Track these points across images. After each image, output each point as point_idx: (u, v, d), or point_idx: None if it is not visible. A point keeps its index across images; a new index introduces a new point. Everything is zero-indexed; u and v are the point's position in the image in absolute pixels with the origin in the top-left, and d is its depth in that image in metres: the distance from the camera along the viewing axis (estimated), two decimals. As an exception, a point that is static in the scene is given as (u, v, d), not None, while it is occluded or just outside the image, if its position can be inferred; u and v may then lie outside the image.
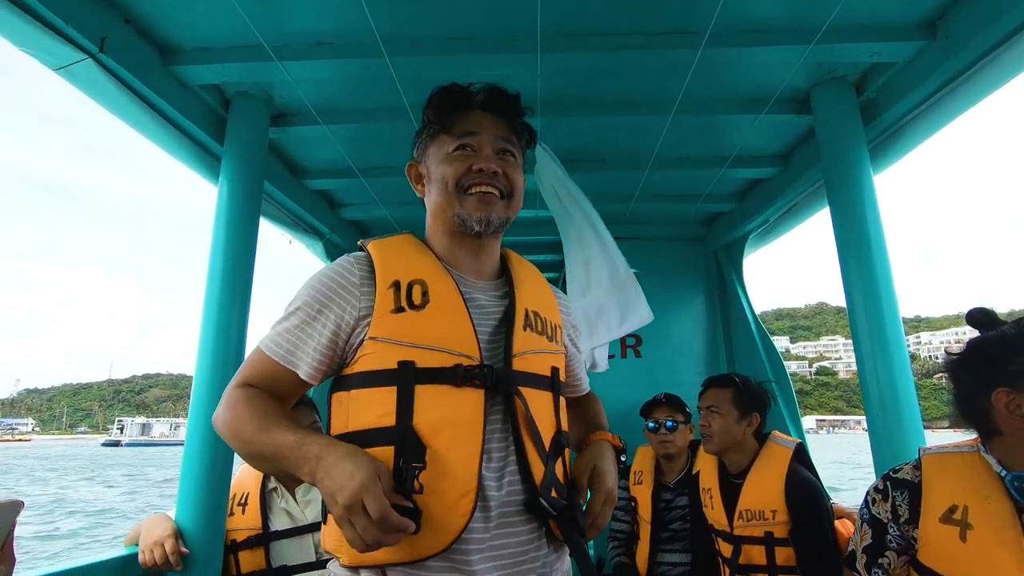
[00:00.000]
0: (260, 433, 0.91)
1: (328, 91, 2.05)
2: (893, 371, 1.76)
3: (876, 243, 1.85)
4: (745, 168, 2.60)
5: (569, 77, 1.99)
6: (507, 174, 1.08)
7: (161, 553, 1.60)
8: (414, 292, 0.98)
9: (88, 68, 1.59)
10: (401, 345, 0.94)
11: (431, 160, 1.11)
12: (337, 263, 1.04)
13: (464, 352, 0.96)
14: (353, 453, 0.84)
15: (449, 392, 0.93)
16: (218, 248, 1.93)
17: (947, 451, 1.19)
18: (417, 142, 1.17)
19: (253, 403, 0.96)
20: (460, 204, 1.06)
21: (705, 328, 3.31)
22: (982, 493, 1.09)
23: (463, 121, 1.09)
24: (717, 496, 2.06)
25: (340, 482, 0.80)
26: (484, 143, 1.08)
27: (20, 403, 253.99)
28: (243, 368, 1.02)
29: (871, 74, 1.95)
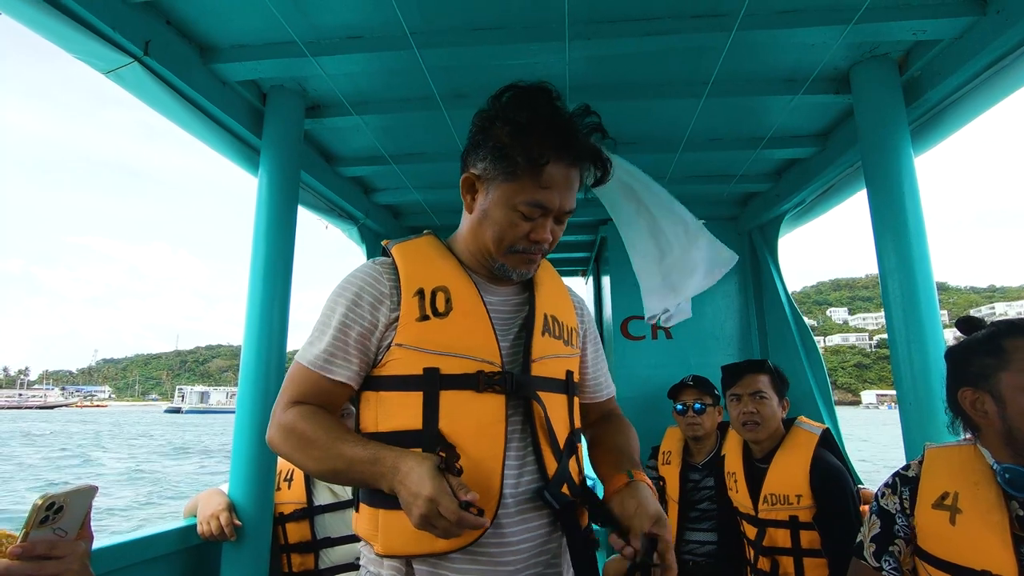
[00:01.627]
0: (329, 450, 0.96)
1: (360, 83, 2.09)
2: (928, 358, 1.72)
3: (915, 227, 1.80)
4: (781, 148, 2.53)
5: (598, 63, 1.97)
6: (554, 238, 1.08)
7: (217, 525, 1.74)
8: (438, 300, 1.02)
9: (135, 71, 1.67)
10: (426, 352, 0.99)
11: (495, 196, 1.03)
12: (365, 271, 1.07)
13: (486, 358, 1.01)
14: (420, 462, 0.89)
15: (472, 398, 0.98)
16: (260, 235, 2.02)
17: (949, 445, 1.27)
18: (483, 155, 1.03)
19: (314, 421, 1.00)
20: (504, 258, 1.06)
21: (738, 309, 3.27)
22: (972, 480, 1.17)
23: (548, 188, 1.00)
24: (742, 480, 2.09)
25: (414, 490, 0.86)
26: (553, 211, 1.03)
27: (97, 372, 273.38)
28: (288, 386, 1.06)
29: (915, 51, 1.86)
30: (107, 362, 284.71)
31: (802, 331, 2.96)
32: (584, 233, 3.80)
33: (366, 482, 0.95)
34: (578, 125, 1.02)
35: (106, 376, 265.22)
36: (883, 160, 1.87)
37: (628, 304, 3.31)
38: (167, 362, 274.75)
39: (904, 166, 1.84)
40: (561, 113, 1.01)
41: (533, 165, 0.98)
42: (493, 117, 1.03)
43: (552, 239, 1.06)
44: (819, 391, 2.77)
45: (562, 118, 1.00)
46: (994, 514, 1.12)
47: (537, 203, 1.00)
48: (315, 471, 1.01)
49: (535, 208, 1.01)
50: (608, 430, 1.23)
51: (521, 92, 1.02)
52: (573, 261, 4.65)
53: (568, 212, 1.05)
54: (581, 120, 1.03)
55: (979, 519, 1.13)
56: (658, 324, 2.68)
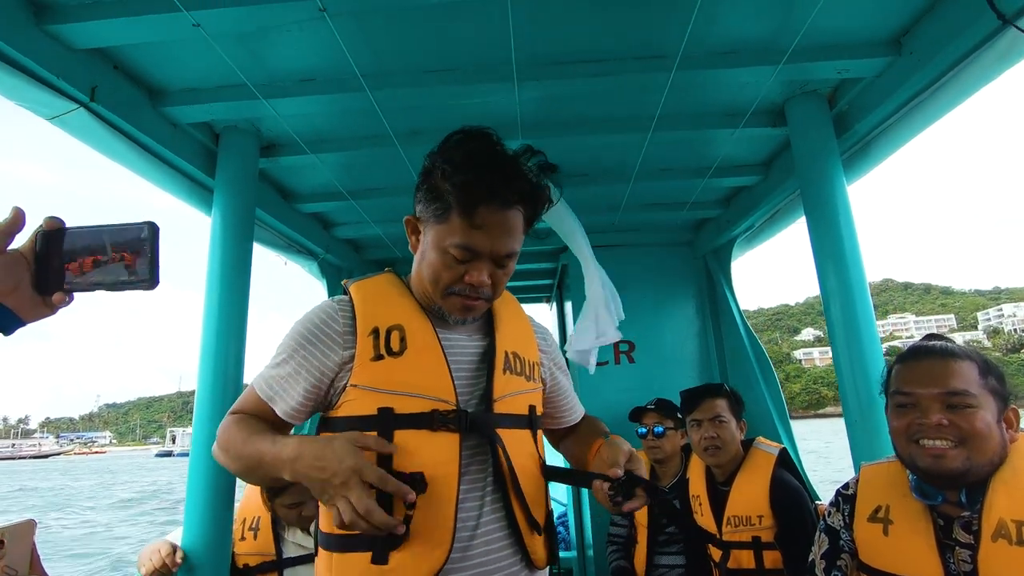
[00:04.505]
0: (246, 446, 0.98)
1: (314, 123, 2.11)
2: (869, 376, 1.80)
3: (851, 251, 1.90)
4: (727, 177, 2.65)
5: (548, 102, 2.04)
6: (496, 283, 1.05)
7: (159, 558, 1.68)
8: (392, 339, 1.03)
9: (80, 117, 1.65)
10: (380, 392, 1.00)
11: (430, 238, 1.03)
12: (323, 310, 1.07)
13: (440, 397, 1.02)
14: (331, 440, 0.90)
15: (425, 437, 0.99)
16: (214, 276, 1.99)
17: (880, 463, 1.36)
18: (421, 197, 1.05)
19: (242, 423, 1.03)
20: (443, 300, 1.06)
21: (697, 332, 3.36)
22: (900, 493, 1.25)
23: (480, 230, 0.98)
24: (706, 503, 2.12)
25: (331, 467, 0.86)
26: (488, 255, 1.01)
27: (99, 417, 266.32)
28: (239, 401, 1.09)
29: (842, 88, 2.00)
30: (109, 407, 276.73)
31: (757, 351, 3.05)
32: (546, 261, 3.85)
33: (273, 475, 0.95)
34: (519, 166, 1.01)
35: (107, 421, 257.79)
36: (818, 188, 1.99)
37: (591, 330, 3.35)
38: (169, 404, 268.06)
39: (838, 193, 1.96)
40: (498, 155, 1.00)
41: (463, 209, 0.97)
42: (433, 159, 1.04)
43: (492, 283, 1.04)
44: (775, 409, 2.85)
45: (498, 160, 1.00)
46: (920, 522, 1.19)
47: (466, 246, 0.99)
48: (236, 470, 1.04)
49: (464, 251, 0.99)
50: (578, 427, 1.29)
51: (461, 135, 1.03)
52: (535, 288, 4.69)
53: (508, 256, 1.03)
54: (525, 160, 1.03)
55: (908, 528, 1.20)
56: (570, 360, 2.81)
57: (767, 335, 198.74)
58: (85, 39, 1.56)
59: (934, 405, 1.16)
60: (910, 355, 1.24)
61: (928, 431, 1.15)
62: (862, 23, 1.72)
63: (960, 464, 1.13)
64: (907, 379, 1.21)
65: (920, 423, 1.17)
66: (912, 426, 1.18)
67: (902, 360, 1.25)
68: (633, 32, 1.72)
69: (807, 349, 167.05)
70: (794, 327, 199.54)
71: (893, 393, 1.24)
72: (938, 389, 1.16)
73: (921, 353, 1.22)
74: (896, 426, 1.22)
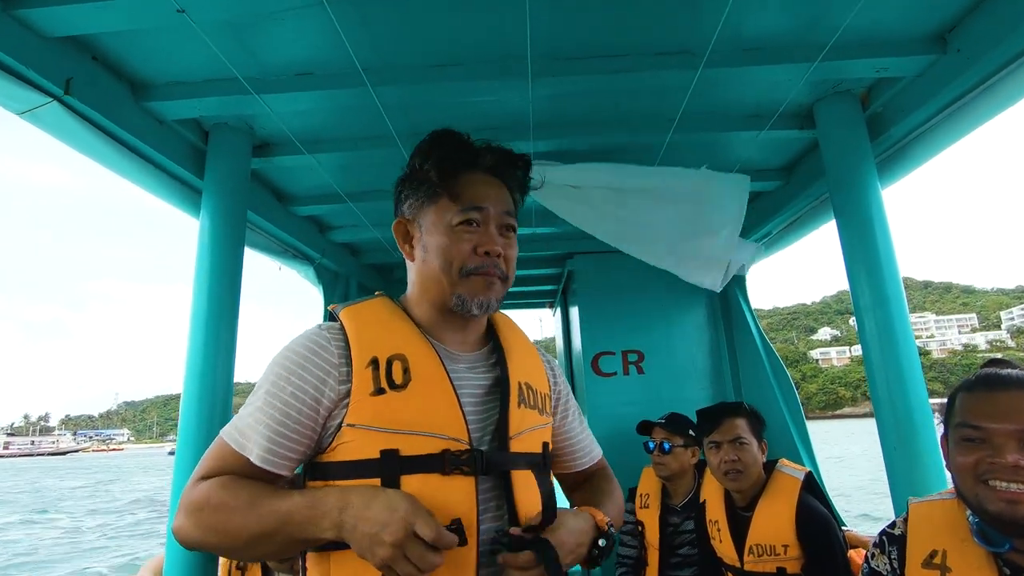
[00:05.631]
0: (254, 509, 0.82)
1: (311, 121, 1.97)
2: (906, 387, 1.68)
3: (886, 258, 1.78)
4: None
5: (561, 100, 1.91)
6: (507, 257, 1.00)
7: None
8: (394, 370, 0.90)
9: (54, 111, 1.51)
10: (383, 432, 0.86)
11: (427, 225, 1.00)
12: (311, 338, 0.93)
13: (451, 435, 0.89)
14: (379, 490, 0.81)
15: (437, 482, 0.86)
16: (202, 281, 1.86)
17: (932, 499, 1.23)
18: (405, 195, 1.04)
19: (231, 484, 0.86)
20: (461, 286, 0.97)
21: (709, 342, 3.22)
22: (959, 537, 1.13)
23: (470, 188, 0.98)
24: (725, 529, 1.99)
25: (382, 519, 0.76)
26: (490, 218, 0.98)
27: (117, 415, 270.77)
28: (202, 462, 0.91)
29: (878, 88, 1.87)
30: (127, 405, 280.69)
31: (773, 363, 2.93)
32: (551, 266, 3.73)
33: (304, 535, 0.81)
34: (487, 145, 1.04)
35: (124, 419, 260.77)
36: (851, 193, 1.86)
37: (598, 339, 3.23)
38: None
39: (872, 199, 1.83)
40: (464, 139, 1.03)
41: (446, 176, 0.97)
42: (411, 160, 1.04)
43: (504, 254, 0.99)
44: (795, 427, 2.72)
45: (465, 140, 1.02)
46: (984, 570, 1.07)
47: (469, 207, 0.97)
48: (241, 546, 0.84)
49: (470, 212, 0.97)
50: (586, 488, 1.14)
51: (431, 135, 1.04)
52: (540, 294, 4.57)
53: (508, 222, 1.01)
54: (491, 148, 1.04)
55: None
56: None
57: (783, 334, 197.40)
58: (58, 26, 1.42)
59: (1010, 443, 1.03)
60: (981, 384, 1.11)
61: (1002, 472, 1.02)
62: (904, 18, 1.59)
63: None
64: (978, 412, 1.08)
65: (992, 462, 1.04)
66: (982, 464, 1.05)
67: (970, 389, 1.12)
68: (658, 25, 1.59)
69: (824, 349, 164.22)
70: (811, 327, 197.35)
71: (958, 425, 1.10)
72: (1015, 426, 1.03)
73: (994, 383, 1.09)
74: (962, 462, 1.09)
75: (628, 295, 3.24)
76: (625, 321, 3.23)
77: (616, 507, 1.09)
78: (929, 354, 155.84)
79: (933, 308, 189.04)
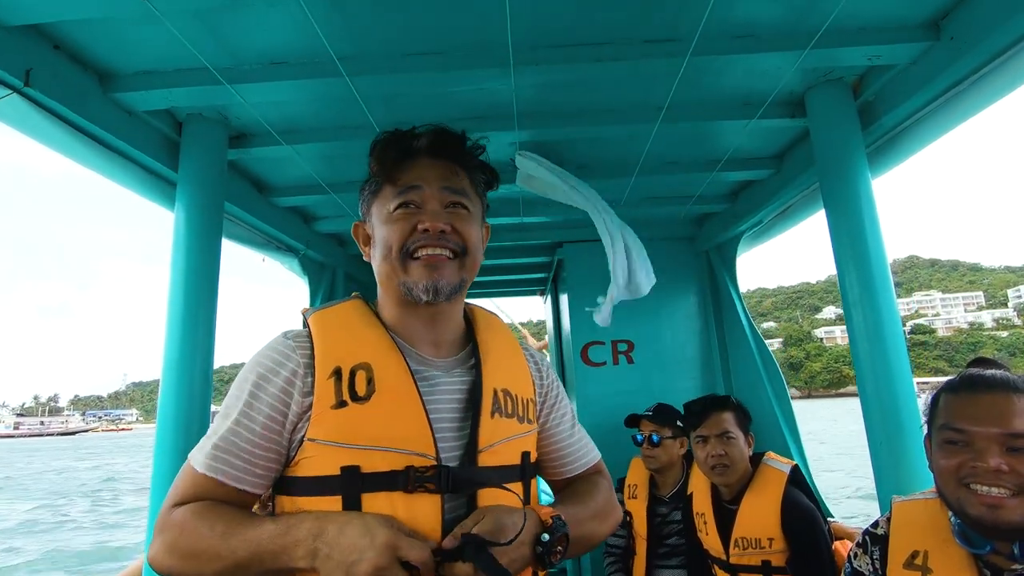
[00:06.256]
0: (228, 539, 0.78)
1: (288, 111, 1.90)
2: (894, 382, 1.67)
3: (874, 248, 1.76)
4: (736, 171, 2.47)
5: (547, 90, 1.85)
6: (458, 230, 0.95)
7: None
8: (357, 381, 0.86)
9: (14, 103, 1.44)
10: (343, 447, 0.83)
11: (374, 220, 0.98)
12: (276, 348, 0.90)
13: (416, 450, 0.84)
14: (354, 514, 0.78)
15: (400, 500, 0.82)
16: (178, 276, 1.82)
17: (915, 499, 1.22)
18: (361, 198, 1.04)
19: (206, 513, 0.82)
20: (405, 271, 0.93)
21: (699, 331, 3.21)
22: (941, 538, 1.12)
23: (406, 172, 0.96)
24: (712, 522, 1.99)
25: (359, 544, 0.73)
26: (429, 197, 0.95)
27: (125, 395, 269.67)
28: (173, 489, 0.87)
29: (870, 76, 1.82)
30: (136, 385, 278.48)
31: (762, 352, 2.91)
32: (541, 255, 3.68)
33: (277, 565, 0.77)
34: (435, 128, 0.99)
35: (133, 399, 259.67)
36: (841, 182, 1.83)
37: (588, 329, 3.20)
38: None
39: (862, 188, 1.80)
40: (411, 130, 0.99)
41: (388, 168, 0.96)
42: None
43: (454, 230, 0.94)
44: (783, 417, 2.71)
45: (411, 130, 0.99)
46: (964, 572, 1.07)
47: (404, 199, 0.94)
48: (213, 574, 0.80)
49: (407, 194, 0.94)
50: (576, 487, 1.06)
51: None
52: (530, 282, 4.53)
53: (453, 202, 0.96)
54: None
55: None
56: None
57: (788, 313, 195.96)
58: (15, 15, 1.35)
59: (992, 447, 1.01)
60: (964, 386, 1.09)
61: (983, 476, 1.01)
62: (897, 4, 1.54)
63: (1020, 517, 0.98)
64: (960, 414, 1.06)
65: (974, 465, 1.02)
66: (964, 467, 1.03)
67: (953, 390, 1.10)
68: (645, 12, 1.53)
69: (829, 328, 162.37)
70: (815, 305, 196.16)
71: (941, 427, 1.08)
72: (998, 429, 1.01)
73: (978, 384, 1.06)
74: (944, 465, 1.07)
75: (618, 284, 3.20)
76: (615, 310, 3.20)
77: (587, 509, 0.98)
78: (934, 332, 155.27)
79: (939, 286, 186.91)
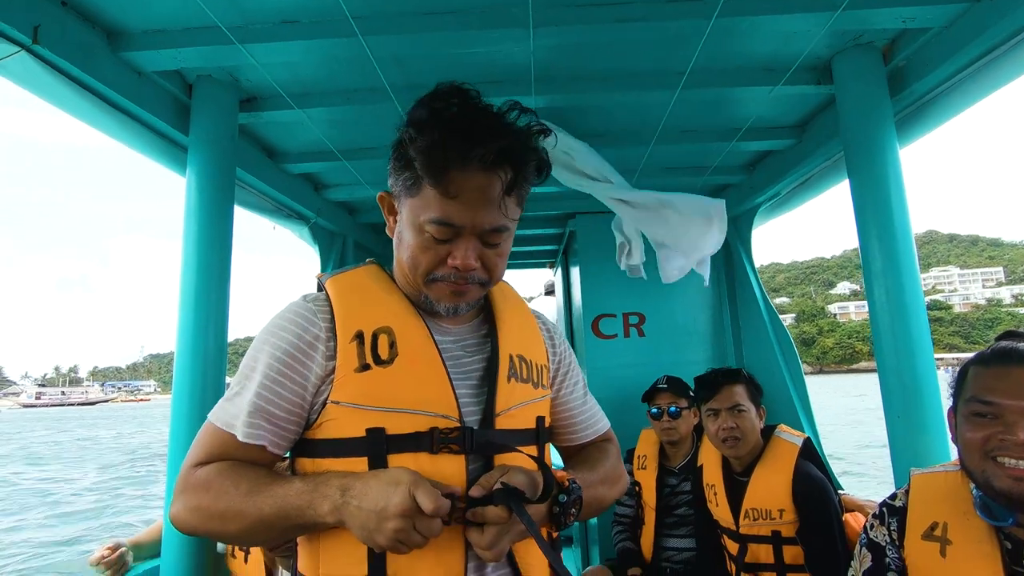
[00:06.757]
0: (253, 496, 0.79)
1: (300, 73, 1.86)
2: (915, 357, 1.65)
3: (899, 218, 1.71)
4: (756, 140, 2.41)
5: (566, 52, 1.79)
6: (488, 267, 0.88)
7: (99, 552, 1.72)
8: (380, 344, 0.85)
9: (22, 61, 1.41)
10: (368, 410, 0.83)
11: (404, 215, 0.88)
12: (296, 311, 0.89)
13: (440, 412, 0.85)
14: (381, 470, 0.79)
15: (425, 461, 0.83)
16: (191, 242, 1.81)
17: (935, 471, 1.22)
18: (394, 172, 0.89)
19: (230, 472, 0.82)
20: (427, 288, 0.89)
21: (711, 305, 3.18)
22: (961, 510, 1.12)
23: (456, 184, 0.81)
24: (722, 494, 2.00)
25: (386, 494, 0.74)
26: (469, 229, 0.84)
27: (143, 367, 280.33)
28: (194, 449, 0.87)
29: (902, 40, 1.75)
30: (153, 357, 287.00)
31: (776, 326, 2.89)
32: (552, 226, 3.64)
33: (304, 520, 0.78)
34: (500, 121, 0.85)
35: (150, 370, 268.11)
36: (867, 152, 1.77)
37: (599, 301, 3.18)
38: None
39: (889, 159, 1.75)
40: (472, 110, 0.84)
41: (432, 174, 0.81)
42: (402, 125, 0.87)
43: (484, 268, 0.88)
44: (796, 392, 2.70)
45: (471, 115, 0.83)
46: (984, 545, 1.07)
47: (442, 220, 0.83)
48: (241, 533, 0.81)
49: (442, 227, 0.83)
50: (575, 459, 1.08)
51: (433, 93, 0.85)
52: (540, 254, 4.49)
53: (496, 231, 0.86)
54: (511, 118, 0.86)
55: (971, 551, 1.08)
56: None
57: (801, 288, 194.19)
58: (21, -32, 1.31)
59: (1022, 420, 1.00)
60: (995, 358, 1.07)
61: (1012, 449, 1.00)
62: (935, -38, 1.47)
63: None
64: (990, 386, 1.05)
65: (1002, 439, 1.01)
66: (991, 440, 1.03)
67: (984, 363, 1.08)
68: (670, -31, 1.47)
69: (843, 303, 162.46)
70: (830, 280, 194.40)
71: (970, 400, 1.07)
72: None
73: (1010, 357, 1.05)
74: (970, 438, 1.06)
75: (630, 257, 3.17)
76: (627, 282, 3.17)
77: (597, 474, 1.00)
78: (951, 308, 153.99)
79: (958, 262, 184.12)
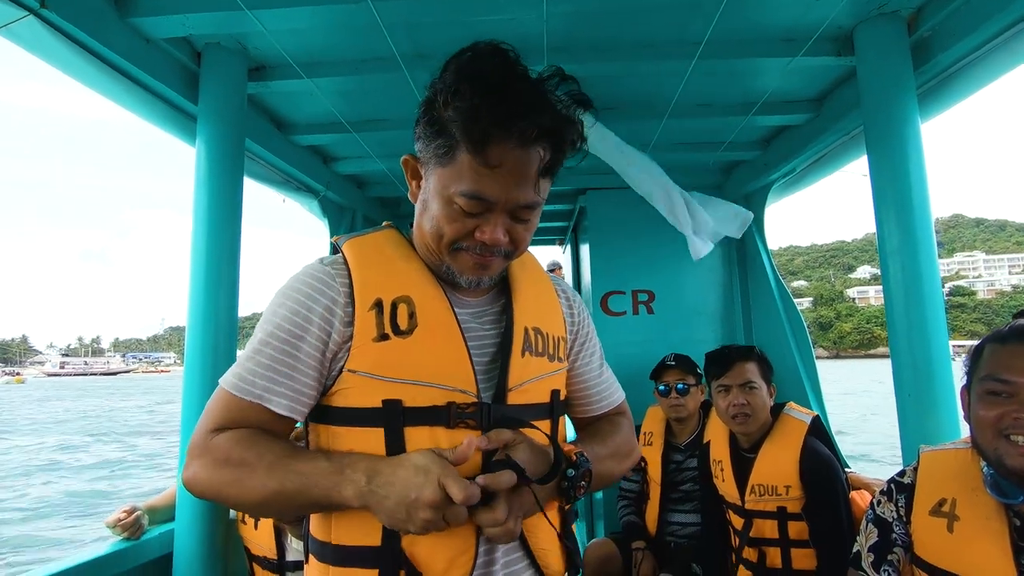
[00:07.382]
0: (276, 469, 0.78)
1: (309, 41, 1.83)
2: (928, 337, 1.63)
3: (918, 194, 1.68)
4: (772, 115, 2.36)
5: (579, 20, 1.75)
6: (515, 240, 0.85)
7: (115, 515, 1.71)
8: (399, 314, 0.83)
9: (31, 26, 1.40)
10: (385, 380, 0.81)
11: (432, 183, 0.83)
12: (313, 274, 0.86)
13: (458, 386, 0.84)
14: (406, 456, 0.78)
15: (443, 435, 0.82)
16: (201, 213, 1.81)
17: (945, 448, 1.22)
18: (420, 132, 0.85)
19: (252, 442, 0.81)
20: (451, 258, 0.86)
21: (722, 283, 3.15)
22: (970, 486, 1.12)
23: (494, 157, 0.77)
24: (729, 469, 2.00)
25: (416, 483, 0.73)
26: (502, 205, 0.81)
27: (163, 339, 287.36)
28: (207, 415, 0.85)
29: (928, 8, 1.69)
30: (173, 330, 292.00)
31: (787, 305, 2.86)
32: (562, 202, 3.61)
33: (327, 500, 0.77)
34: (544, 92, 0.79)
35: (170, 343, 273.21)
36: (887, 127, 1.74)
37: (608, 279, 3.17)
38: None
39: (910, 133, 1.71)
40: (517, 77, 0.78)
41: (471, 144, 0.76)
42: (435, 85, 0.81)
43: (511, 241, 0.84)
44: (805, 372, 2.69)
45: (517, 83, 0.77)
46: (993, 522, 1.07)
47: (475, 194, 0.79)
48: (256, 504, 0.80)
49: (474, 201, 0.79)
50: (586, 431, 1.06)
51: (470, 53, 0.79)
52: (550, 230, 4.47)
53: (527, 207, 0.82)
54: (551, 86, 0.80)
55: (978, 527, 1.08)
56: None
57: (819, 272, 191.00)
58: (27, -72, 1.29)
59: None
60: (1012, 336, 1.05)
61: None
62: (967, -75, 1.41)
63: None
64: (1006, 364, 1.03)
65: (1017, 417, 1.01)
66: (1005, 419, 1.02)
67: (1001, 340, 1.06)
68: (689, -69, 1.42)
69: (862, 288, 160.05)
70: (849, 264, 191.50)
71: (984, 378, 1.06)
72: None
73: None
74: (984, 416, 1.05)
75: (641, 233, 3.14)
76: (636, 260, 3.16)
77: (607, 448, 0.98)
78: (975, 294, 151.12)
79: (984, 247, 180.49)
